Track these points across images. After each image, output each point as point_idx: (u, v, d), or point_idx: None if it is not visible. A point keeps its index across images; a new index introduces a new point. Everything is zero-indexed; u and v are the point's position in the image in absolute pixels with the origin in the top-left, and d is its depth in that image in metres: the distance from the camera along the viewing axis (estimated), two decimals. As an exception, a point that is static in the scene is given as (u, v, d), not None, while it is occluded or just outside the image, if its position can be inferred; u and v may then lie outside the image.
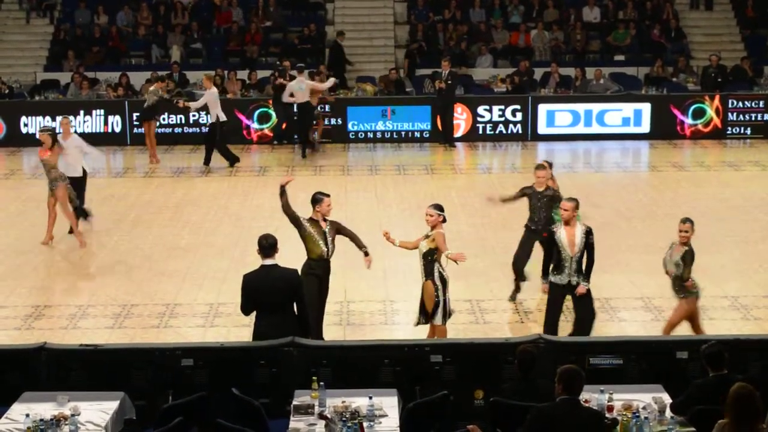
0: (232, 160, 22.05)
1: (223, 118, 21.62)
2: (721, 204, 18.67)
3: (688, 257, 11.43)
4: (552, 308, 11.49)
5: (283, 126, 24.15)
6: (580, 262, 11.28)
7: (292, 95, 22.71)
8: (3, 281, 14.55)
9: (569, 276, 11.28)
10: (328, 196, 11.48)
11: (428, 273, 11.18)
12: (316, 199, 11.41)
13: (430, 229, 11.22)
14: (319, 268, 11.33)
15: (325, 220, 11.40)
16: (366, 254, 11.53)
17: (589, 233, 11.29)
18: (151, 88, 22.78)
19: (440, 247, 11.07)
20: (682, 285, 11.39)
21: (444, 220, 11.27)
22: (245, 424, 8.40)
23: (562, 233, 11.28)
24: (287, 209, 11.36)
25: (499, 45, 28.98)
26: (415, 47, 28.46)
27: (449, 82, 23.83)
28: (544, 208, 13.19)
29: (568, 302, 11.57)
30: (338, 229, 11.50)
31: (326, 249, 11.32)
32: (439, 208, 11.30)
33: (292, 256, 11.10)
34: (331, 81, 23.56)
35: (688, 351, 9.54)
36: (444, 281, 11.21)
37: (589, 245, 11.28)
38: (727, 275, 14.48)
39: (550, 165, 13.79)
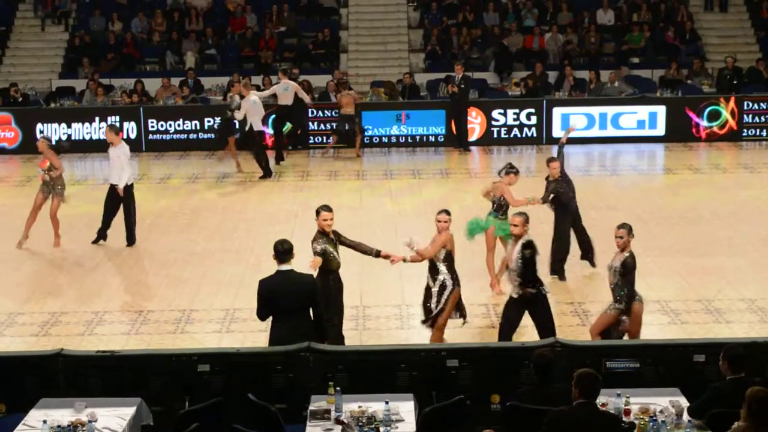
0: (267, 173, 21.75)
1: (258, 127, 21.47)
2: (737, 206, 18.60)
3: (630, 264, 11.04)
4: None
5: (299, 132, 24.18)
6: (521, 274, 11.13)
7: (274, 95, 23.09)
8: (20, 288, 14.60)
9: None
10: (328, 210, 11.21)
11: (454, 280, 11.31)
12: (316, 212, 11.31)
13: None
14: (334, 277, 11.30)
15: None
16: (378, 255, 11.50)
17: (525, 246, 11.14)
18: (244, 101, 21.81)
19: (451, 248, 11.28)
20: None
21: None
22: (261, 429, 8.41)
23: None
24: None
25: (513, 48, 28.95)
26: None
27: (462, 86, 23.81)
28: None
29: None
30: (339, 236, 11.36)
31: (337, 261, 11.25)
32: (449, 212, 11.45)
33: (307, 262, 11.09)
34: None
35: (705, 354, 9.50)
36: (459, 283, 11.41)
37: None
38: (744, 278, 14.43)
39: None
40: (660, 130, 24.65)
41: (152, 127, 24.40)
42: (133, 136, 24.32)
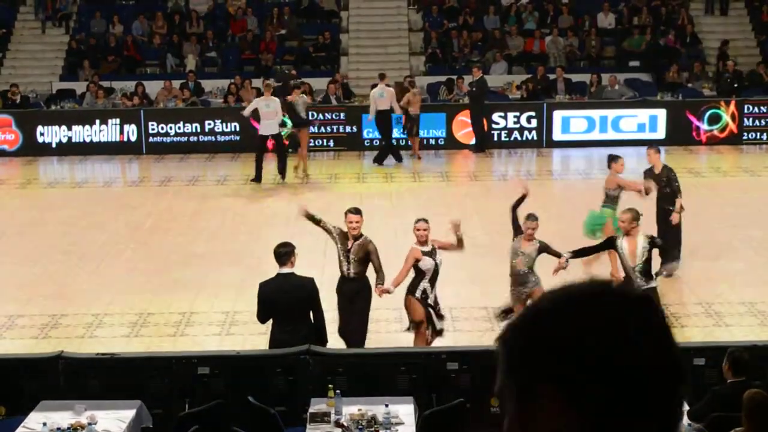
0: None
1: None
2: (737, 210, 18.60)
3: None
4: None
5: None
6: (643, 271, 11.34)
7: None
8: (20, 290, 14.60)
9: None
10: (354, 213, 11.12)
11: (408, 288, 11.27)
12: (345, 213, 11.28)
13: (420, 243, 11.23)
14: (342, 284, 11.25)
15: (355, 238, 11.18)
16: (379, 284, 11.34)
17: (652, 241, 11.46)
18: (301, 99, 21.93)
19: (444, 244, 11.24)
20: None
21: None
22: (261, 432, 8.41)
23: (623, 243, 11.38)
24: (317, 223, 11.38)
25: (513, 52, 28.97)
26: None
27: (474, 89, 23.78)
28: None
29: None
30: (367, 253, 11.14)
31: (345, 268, 11.16)
32: (427, 221, 11.41)
33: (309, 264, 11.09)
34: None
35: (705, 358, 9.50)
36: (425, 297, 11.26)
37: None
38: (744, 281, 14.43)
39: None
40: (660, 133, 24.64)
41: (153, 129, 24.40)
42: (133, 138, 24.35)
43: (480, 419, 9.26)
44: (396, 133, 23.69)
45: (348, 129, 24.46)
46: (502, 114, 24.66)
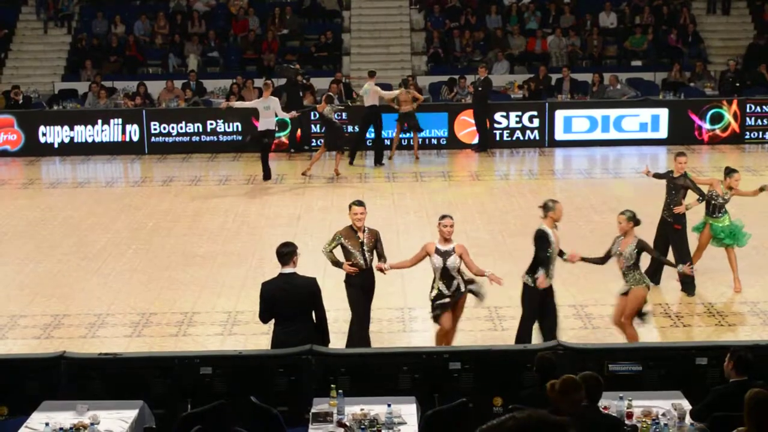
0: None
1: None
2: (739, 209, 18.54)
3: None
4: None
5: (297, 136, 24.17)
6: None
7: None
8: (22, 290, 14.61)
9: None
10: (358, 205, 11.35)
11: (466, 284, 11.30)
12: (349, 206, 11.42)
13: (442, 240, 11.18)
14: (358, 278, 11.32)
15: (363, 230, 11.33)
16: (381, 263, 11.54)
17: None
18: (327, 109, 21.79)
19: (469, 262, 11.19)
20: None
21: None
22: (264, 432, 8.41)
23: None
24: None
25: (515, 51, 28.97)
26: None
27: (480, 88, 23.76)
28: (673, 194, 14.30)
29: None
30: (376, 239, 11.41)
31: (362, 261, 11.28)
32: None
33: (311, 264, 11.08)
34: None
35: (708, 357, 9.50)
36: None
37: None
38: (747, 281, 14.41)
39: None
40: (662, 132, 24.64)
41: (155, 129, 24.41)
42: (135, 138, 24.36)
43: (482, 419, 9.25)
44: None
45: (350, 128, 24.43)
46: (504, 113, 24.65)
